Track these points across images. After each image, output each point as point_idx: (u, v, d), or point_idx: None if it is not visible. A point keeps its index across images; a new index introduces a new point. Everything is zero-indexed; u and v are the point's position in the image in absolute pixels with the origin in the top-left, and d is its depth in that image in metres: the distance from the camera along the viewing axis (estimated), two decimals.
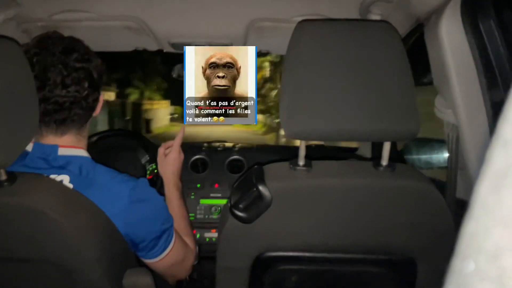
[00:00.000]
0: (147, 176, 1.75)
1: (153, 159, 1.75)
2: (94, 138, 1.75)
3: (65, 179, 0.96)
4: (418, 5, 1.08)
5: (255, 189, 0.85)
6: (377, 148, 1.83)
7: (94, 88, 1.04)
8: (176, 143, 1.32)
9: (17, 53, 0.84)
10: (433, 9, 1.02)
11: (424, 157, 1.40)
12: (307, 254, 0.93)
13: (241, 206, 0.85)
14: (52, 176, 0.96)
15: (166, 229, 1.07)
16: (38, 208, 0.82)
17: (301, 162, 0.88)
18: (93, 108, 1.07)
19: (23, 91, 0.85)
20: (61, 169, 0.98)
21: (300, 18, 0.88)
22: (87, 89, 1.02)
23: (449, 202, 1.07)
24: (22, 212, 0.82)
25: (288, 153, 1.06)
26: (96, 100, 1.07)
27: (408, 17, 1.17)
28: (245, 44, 1.62)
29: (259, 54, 1.73)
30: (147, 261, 1.08)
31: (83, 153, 1.05)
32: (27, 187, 0.85)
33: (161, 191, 1.67)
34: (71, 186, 0.95)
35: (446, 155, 1.18)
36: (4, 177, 0.83)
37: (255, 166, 0.92)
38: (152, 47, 1.67)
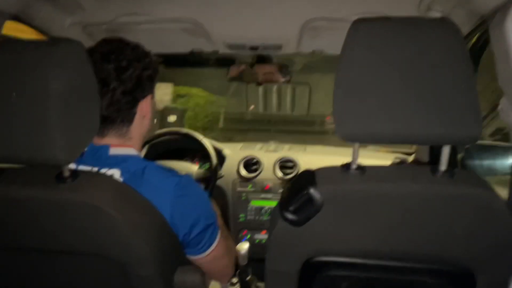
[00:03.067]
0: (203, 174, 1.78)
1: (206, 159, 1.78)
2: (151, 137, 1.81)
3: (115, 173, 1.00)
4: (482, 1, 1.02)
5: (305, 192, 0.84)
6: (435, 153, 1.75)
7: (125, 92, 1.04)
8: None
9: (81, 55, 0.88)
10: (499, 5, 0.96)
11: (486, 162, 1.32)
12: (358, 260, 0.90)
13: (291, 208, 0.85)
14: (103, 170, 1.00)
15: (210, 224, 1.10)
16: (96, 204, 0.85)
17: (354, 165, 0.86)
18: (127, 111, 1.07)
19: (85, 92, 0.89)
20: (112, 165, 1.02)
21: (356, 17, 0.86)
22: (114, 91, 1.03)
23: None
24: (82, 208, 0.87)
25: (341, 156, 1.04)
26: (131, 103, 1.07)
27: (471, 14, 1.11)
28: (299, 44, 1.61)
29: (313, 54, 1.71)
30: (194, 257, 1.11)
31: (133, 151, 1.09)
32: (88, 184, 0.89)
33: (212, 191, 1.70)
34: (121, 180, 1.00)
35: (510, 161, 1.11)
36: (67, 173, 0.87)
37: (307, 169, 0.92)
38: (208, 48, 1.70)
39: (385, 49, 0.80)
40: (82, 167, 1.02)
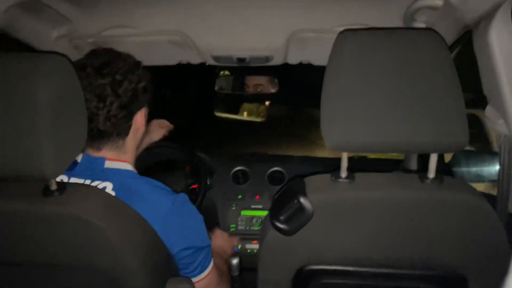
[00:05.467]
0: (192, 185, 1.77)
1: (198, 174, 1.77)
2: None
3: (108, 186, 0.99)
4: (466, 12, 1.04)
5: (296, 201, 0.84)
6: (423, 160, 1.77)
7: (121, 106, 1.03)
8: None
9: (67, 69, 0.88)
10: (482, 15, 0.98)
11: (473, 169, 1.34)
12: (350, 268, 0.90)
13: (282, 218, 0.85)
14: (95, 183, 0.99)
15: (204, 248, 1.08)
16: (85, 217, 0.84)
17: (344, 174, 0.86)
18: (123, 125, 1.06)
19: (72, 105, 0.88)
20: (105, 178, 1.01)
21: (342, 28, 0.87)
22: (110, 106, 1.02)
23: (500, 217, 1.01)
24: (70, 221, 0.86)
25: (330, 165, 1.04)
26: (127, 117, 1.06)
27: (455, 24, 1.13)
28: (286, 55, 1.62)
29: (300, 66, 1.72)
30: None
31: (128, 166, 1.08)
32: (76, 197, 0.88)
33: (202, 202, 1.69)
34: (113, 193, 0.98)
35: (497, 167, 1.13)
36: (54, 187, 0.86)
37: (296, 178, 0.92)
38: (195, 60, 1.70)
39: (372, 60, 0.81)
40: (74, 180, 1.01)
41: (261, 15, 1.38)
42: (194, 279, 1.07)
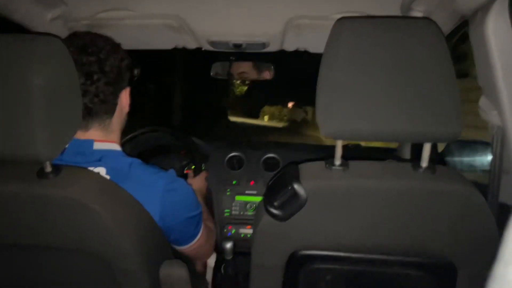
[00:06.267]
0: (185, 170, 1.77)
1: (193, 159, 1.77)
2: (134, 134, 1.79)
3: (101, 171, 1.00)
4: (463, 2, 1.04)
5: (290, 187, 0.85)
6: (417, 150, 1.78)
7: (108, 83, 1.04)
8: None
9: (61, 51, 0.88)
10: (479, 6, 0.98)
11: (466, 159, 1.35)
12: (342, 254, 0.92)
13: (276, 204, 0.86)
14: (89, 169, 0.99)
15: (196, 215, 1.13)
16: (79, 199, 0.85)
17: (337, 161, 0.87)
18: (111, 102, 1.07)
19: (67, 87, 0.88)
20: (97, 162, 1.01)
21: (339, 15, 0.87)
22: (97, 82, 1.03)
23: (491, 207, 1.03)
24: (65, 203, 0.86)
25: (324, 153, 1.05)
26: (114, 94, 1.07)
27: (452, 14, 1.13)
28: (283, 41, 1.61)
29: (297, 53, 1.72)
30: (180, 247, 1.14)
31: (116, 146, 1.09)
32: (71, 179, 0.88)
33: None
34: (107, 177, 0.99)
35: (489, 157, 1.14)
36: (49, 169, 0.86)
37: (291, 165, 0.92)
38: (191, 45, 1.69)
39: (368, 48, 0.81)
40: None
41: (259, 0, 1.37)
42: (189, 244, 1.14)
